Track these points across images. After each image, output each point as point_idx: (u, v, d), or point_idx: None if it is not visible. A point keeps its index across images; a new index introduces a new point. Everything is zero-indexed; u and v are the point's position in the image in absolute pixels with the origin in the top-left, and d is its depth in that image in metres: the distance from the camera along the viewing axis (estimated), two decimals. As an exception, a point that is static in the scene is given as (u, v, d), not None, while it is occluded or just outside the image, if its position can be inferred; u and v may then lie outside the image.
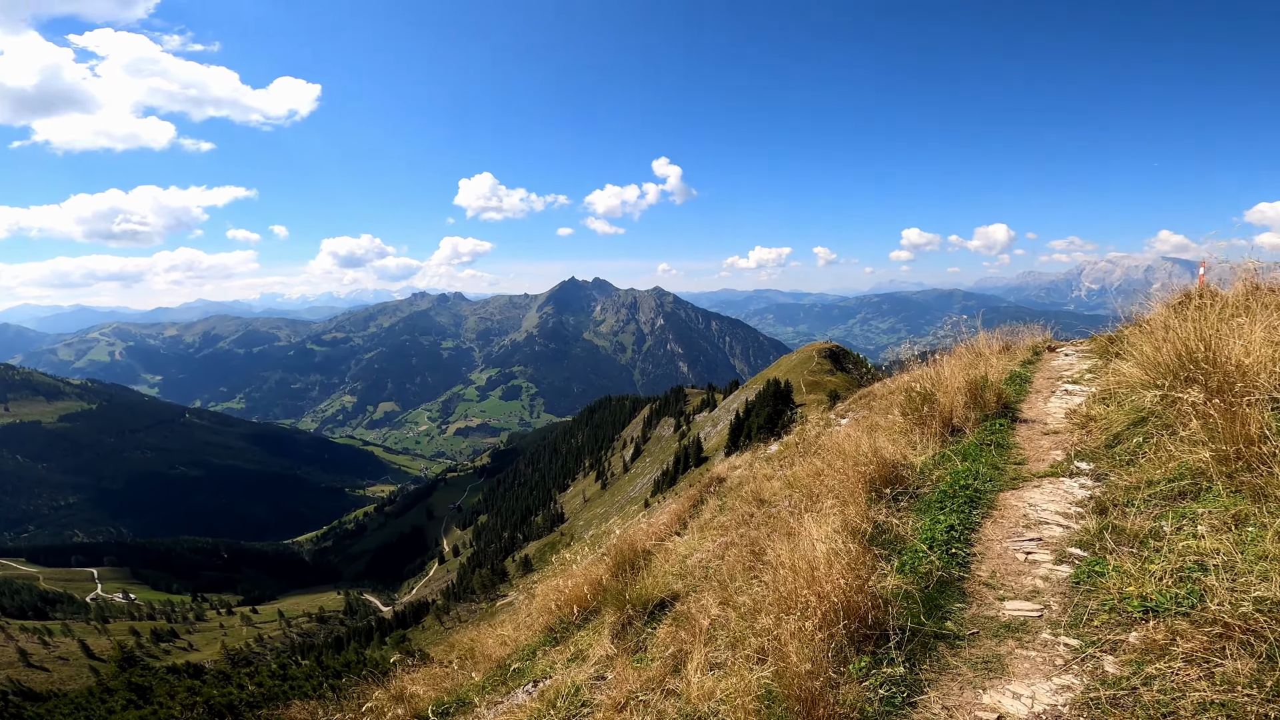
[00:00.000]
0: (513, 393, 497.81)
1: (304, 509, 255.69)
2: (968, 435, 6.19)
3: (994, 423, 6.36)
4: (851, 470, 5.12)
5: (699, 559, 6.33)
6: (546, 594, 7.11)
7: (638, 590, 5.38)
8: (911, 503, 4.87)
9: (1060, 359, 9.58)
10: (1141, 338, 5.80)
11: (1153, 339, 5.39)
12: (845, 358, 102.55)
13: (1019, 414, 6.75)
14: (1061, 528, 4.19)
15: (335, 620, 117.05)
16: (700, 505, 10.05)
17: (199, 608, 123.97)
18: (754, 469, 11.03)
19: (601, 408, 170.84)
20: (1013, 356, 9.91)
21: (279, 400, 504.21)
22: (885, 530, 4.30)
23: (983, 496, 4.79)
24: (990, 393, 6.67)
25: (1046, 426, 6.30)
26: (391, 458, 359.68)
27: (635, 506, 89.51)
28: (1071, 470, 4.94)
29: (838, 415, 13.38)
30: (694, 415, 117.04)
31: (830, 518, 4.21)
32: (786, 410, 74.27)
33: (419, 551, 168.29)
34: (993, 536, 4.24)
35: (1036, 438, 6.01)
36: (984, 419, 6.45)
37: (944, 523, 4.31)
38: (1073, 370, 8.54)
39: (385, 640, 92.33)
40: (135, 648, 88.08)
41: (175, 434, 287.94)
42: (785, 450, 11.60)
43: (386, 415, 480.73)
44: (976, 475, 5.08)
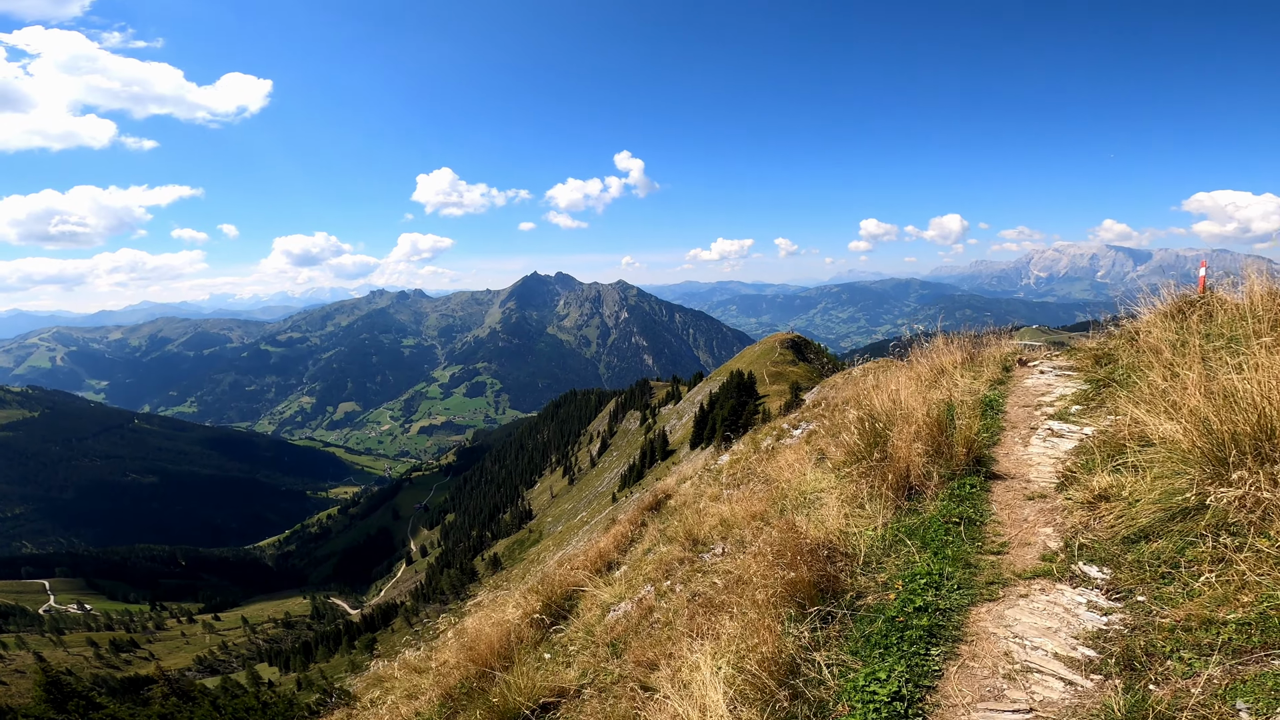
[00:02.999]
0: (477, 389, 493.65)
1: (265, 513, 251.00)
2: (928, 500, 4.72)
3: (962, 483, 4.85)
4: (772, 572, 3.81)
5: (618, 617, 5.63)
6: (462, 637, 6.52)
7: (513, 697, 4.58)
8: (847, 626, 3.45)
9: (1035, 376, 7.95)
10: (1139, 357, 4.77)
11: (1176, 378, 4.02)
12: (807, 348, 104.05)
13: (993, 466, 5.21)
14: (1063, 689, 2.71)
15: (302, 625, 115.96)
16: (643, 528, 9.71)
17: (159, 617, 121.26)
18: (700, 486, 10.79)
19: (567, 402, 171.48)
20: (979, 372, 8.31)
21: (233, 403, 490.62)
22: (802, 686, 2.98)
23: (948, 621, 3.34)
24: (958, 439, 5.13)
25: (1030, 486, 4.77)
26: (354, 458, 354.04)
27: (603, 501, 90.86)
28: (1073, 574, 3.48)
29: (791, 424, 12.89)
30: (660, 408, 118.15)
31: (733, 646, 3.28)
32: (750, 401, 76.02)
33: (386, 553, 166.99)
34: (959, 699, 2.81)
35: (1018, 503, 4.54)
36: (949, 476, 4.93)
37: (888, 684, 2.91)
38: (1052, 395, 6.86)
39: (354, 645, 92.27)
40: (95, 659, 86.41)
41: (125, 440, 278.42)
42: (735, 464, 11.46)
43: (347, 415, 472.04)
44: (939, 582, 3.65)
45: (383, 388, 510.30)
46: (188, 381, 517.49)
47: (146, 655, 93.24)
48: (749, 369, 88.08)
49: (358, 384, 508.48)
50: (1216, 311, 5.92)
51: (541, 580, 7.63)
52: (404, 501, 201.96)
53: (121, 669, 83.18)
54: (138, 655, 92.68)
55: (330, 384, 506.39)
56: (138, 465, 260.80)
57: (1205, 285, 6.79)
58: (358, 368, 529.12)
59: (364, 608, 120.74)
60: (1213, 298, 6.11)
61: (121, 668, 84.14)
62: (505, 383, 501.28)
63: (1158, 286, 6.90)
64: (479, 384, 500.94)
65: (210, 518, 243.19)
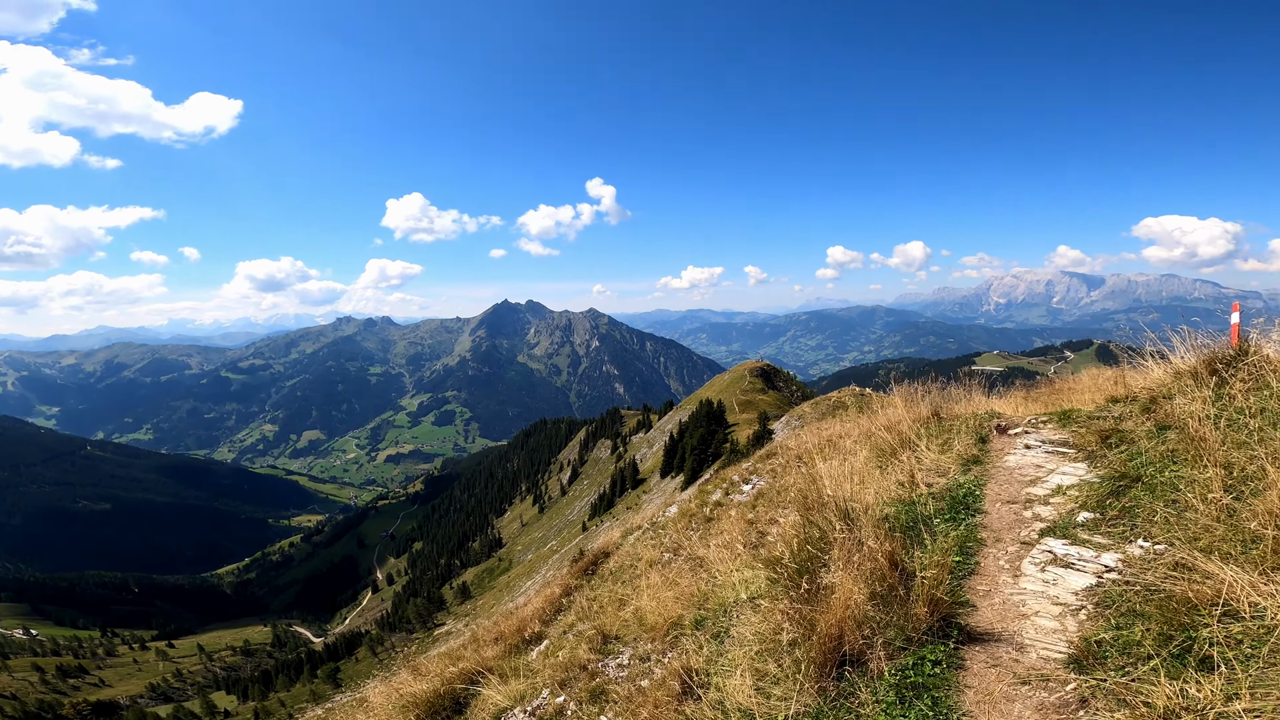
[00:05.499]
0: (446, 418, 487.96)
1: (224, 541, 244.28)
2: (870, 679, 3.04)
3: (920, 660, 3.10)
4: None
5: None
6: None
7: None
8: None
9: (1019, 452, 6.08)
10: (1167, 443, 3.79)
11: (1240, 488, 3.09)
12: (776, 376, 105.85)
13: (968, 616, 3.43)
14: None
15: (263, 653, 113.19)
16: (574, 593, 9.23)
17: (109, 643, 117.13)
18: (640, 546, 10.27)
19: (538, 431, 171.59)
20: (948, 439, 6.58)
21: (191, 431, 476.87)
22: None
23: None
24: (920, 593, 3.33)
25: (1024, 658, 3.00)
26: (318, 486, 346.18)
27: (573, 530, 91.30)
28: None
29: (742, 477, 12.05)
30: (630, 436, 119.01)
31: None
32: (719, 430, 77.47)
33: (351, 581, 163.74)
34: None
35: (1005, 694, 2.80)
36: (903, 644, 3.21)
37: None
38: (1046, 486, 5.06)
39: (316, 674, 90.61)
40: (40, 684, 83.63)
41: (76, 467, 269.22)
42: (682, 517, 11.20)
43: (312, 444, 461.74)
44: None
45: (349, 416, 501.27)
46: (144, 408, 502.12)
47: (96, 681, 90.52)
48: (719, 397, 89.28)
49: (322, 412, 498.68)
50: (1268, 377, 4.31)
51: (447, 655, 6.90)
52: (370, 529, 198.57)
53: (70, 694, 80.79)
54: (86, 681, 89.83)
55: (294, 412, 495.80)
56: (89, 492, 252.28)
57: (1240, 336, 5.06)
58: (323, 395, 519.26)
59: (328, 636, 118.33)
60: (1259, 358, 4.49)
61: (70, 693, 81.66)
62: (475, 411, 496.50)
63: (1111, 311, 5.16)
64: (448, 412, 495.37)
65: (165, 545, 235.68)
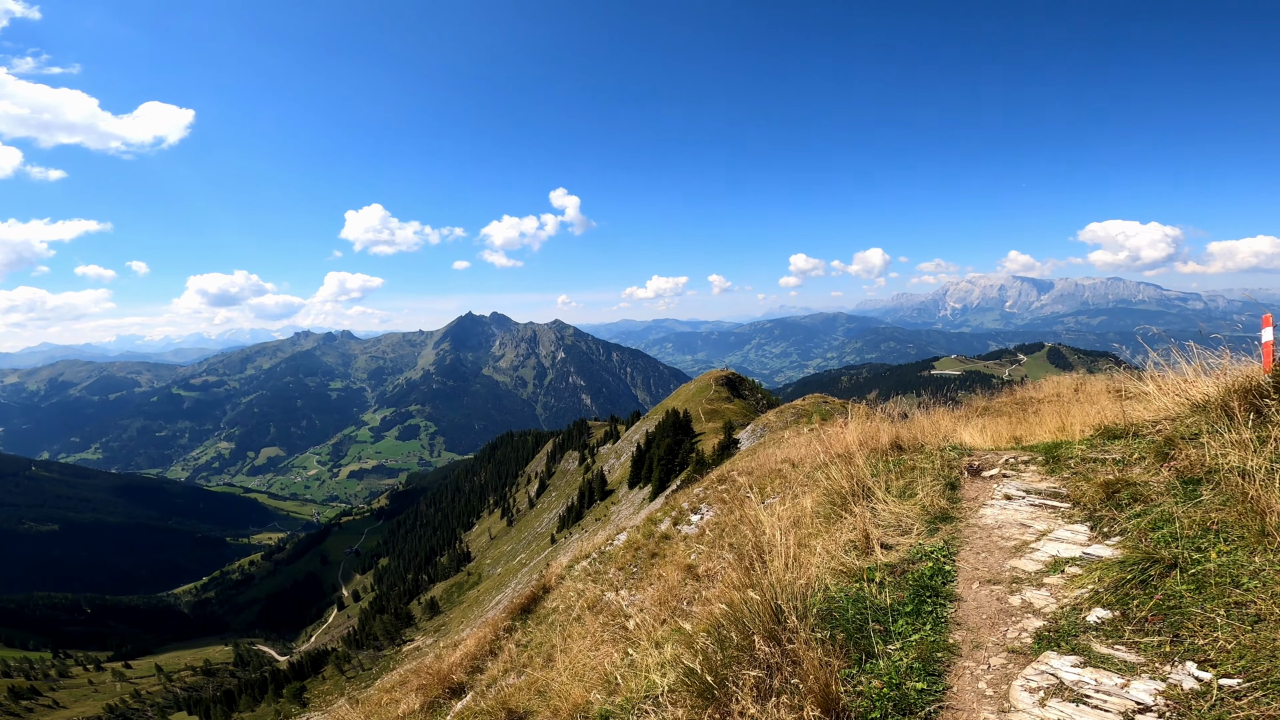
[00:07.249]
0: (410, 432, 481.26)
1: (180, 560, 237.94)
2: None
3: None
4: None
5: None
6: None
7: None
8: None
9: (998, 504, 4.90)
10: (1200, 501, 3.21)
11: None
12: (741, 384, 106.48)
13: None
14: None
15: (225, 673, 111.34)
16: (504, 639, 8.72)
17: (62, 664, 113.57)
18: (583, 582, 9.69)
19: (504, 444, 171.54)
20: (910, 485, 5.46)
21: (142, 449, 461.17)
22: None
23: None
24: None
25: None
26: (277, 504, 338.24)
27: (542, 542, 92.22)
28: None
29: (691, 506, 11.75)
30: (598, 448, 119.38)
31: None
32: (685, 440, 79.23)
33: (316, 598, 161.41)
34: None
35: None
36: None
37: None
38: (1036, 556, 3.89)
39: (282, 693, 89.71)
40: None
41: (21, 488, 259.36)
42: (626, 550, 10.69)
43: (270, 461, 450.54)
44: None
45: (309, 432, 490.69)
46: (91, 427, 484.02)
47: (50, 703, 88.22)
48: (685, 407, 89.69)
49: (281, 428, 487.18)
50: None
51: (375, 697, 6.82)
52: (334, 546, 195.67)
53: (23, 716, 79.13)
54: (40, 703, 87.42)
55: (251, 429, 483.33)
56: (35, 513, 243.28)
57: (1274, 356, 4.24)
58: (281, 412, 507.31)
59: (293, 654, 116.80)
60: None
61: (23, 715, 79.95)
62: (440, 425, 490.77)
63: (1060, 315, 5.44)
64: (412, 427, 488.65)
65: (118, 566, 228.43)
